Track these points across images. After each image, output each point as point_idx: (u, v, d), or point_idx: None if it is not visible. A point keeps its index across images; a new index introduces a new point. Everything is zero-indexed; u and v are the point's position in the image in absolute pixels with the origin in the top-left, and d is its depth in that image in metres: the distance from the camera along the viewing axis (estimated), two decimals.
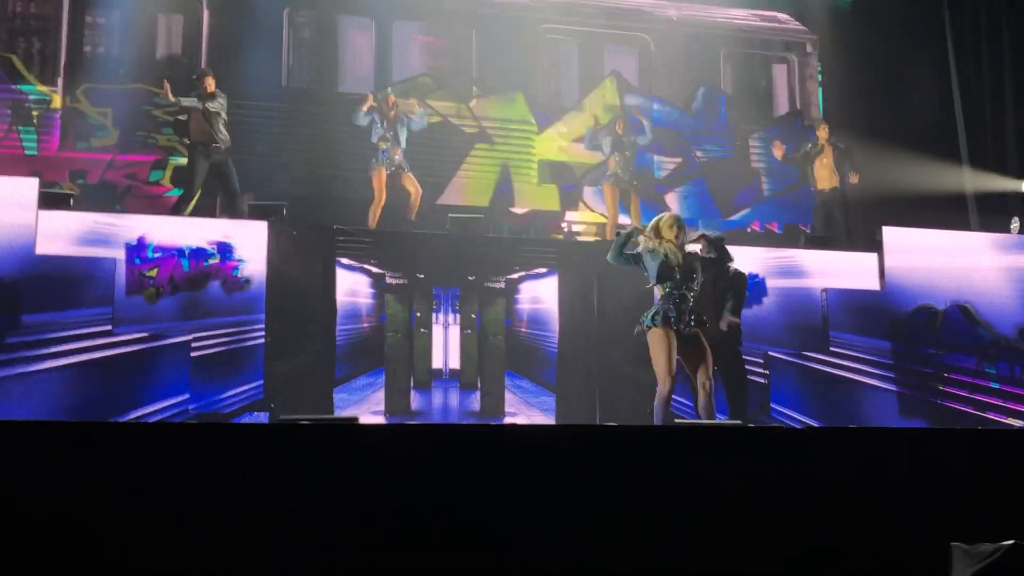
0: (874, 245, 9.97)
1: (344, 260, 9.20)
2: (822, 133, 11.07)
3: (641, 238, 7.02)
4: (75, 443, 4.46)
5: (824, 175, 10.90)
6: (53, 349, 8.02)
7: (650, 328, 6.84)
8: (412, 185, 10.41)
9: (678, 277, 6.83)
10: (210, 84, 9.82)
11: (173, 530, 4.35)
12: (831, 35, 13.31)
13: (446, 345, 9.46)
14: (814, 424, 9.18)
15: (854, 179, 10.86)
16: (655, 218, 7.19)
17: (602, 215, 12.18)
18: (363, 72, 12.30)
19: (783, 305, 9.63)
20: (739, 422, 6.78)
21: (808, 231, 11.64)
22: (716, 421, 6.97)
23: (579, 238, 11.89)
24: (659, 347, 6.77)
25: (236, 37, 11.61)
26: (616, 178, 11.18)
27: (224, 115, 9.83)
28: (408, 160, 10.43)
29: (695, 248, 7.14)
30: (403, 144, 10.39)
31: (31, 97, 10.89)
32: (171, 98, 9.79)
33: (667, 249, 6.85)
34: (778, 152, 11.17)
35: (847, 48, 13.13)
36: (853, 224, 11.04)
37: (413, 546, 4.52)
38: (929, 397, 9.73)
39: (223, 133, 9.77)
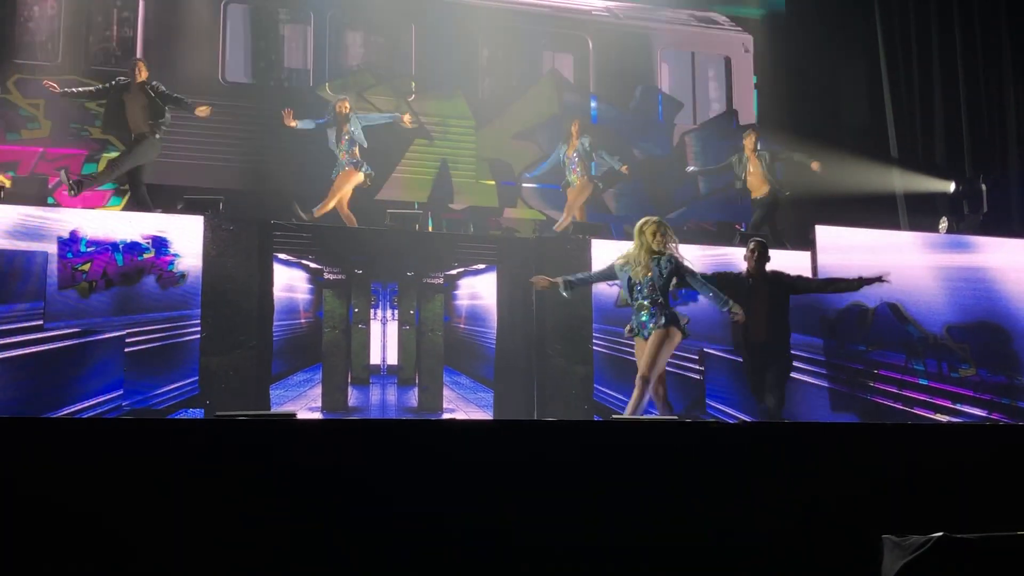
0: (807, 243, 10.14)
1: (281, 255, 9.13)
2: (748, 143, 11.09)
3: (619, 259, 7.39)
4: (6, 440, 4.38)
5: (755, 183, 10.99)
6: None
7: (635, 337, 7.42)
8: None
9: (642, 290, 7.23)
10: (141, 71, 9.64)
11: (104, 529, 4.29)
12: (766, 37, 13.50)
13: (384, 341, 9.44)
14: (748, 419, 9.31)
15: (815, 166, 10.91)
16: (639, 223, 7.40)
17: (540, 212, 12.25)
18: (302, 66, 12.22)
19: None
20: (674, 418, 6.86)
21: (742, 230, 11.78)
22: (650, 417, 7.09)
23: (517, 234, 11.92)
24: (638, 351, 7.40)
25: (173, 29, 11.46)
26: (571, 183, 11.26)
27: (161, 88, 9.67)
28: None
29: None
30: (356, 144, 10.30)
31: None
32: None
33: (632, 266, 7.25)
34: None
35: (782, 49, 13.33)
36: (782, 227, 11.18)
37: (349, 542, 4.51)
38: (859, 393, 9.93)
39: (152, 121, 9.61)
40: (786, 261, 9.93)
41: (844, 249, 10.05)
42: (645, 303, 7.23)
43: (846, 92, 13.56)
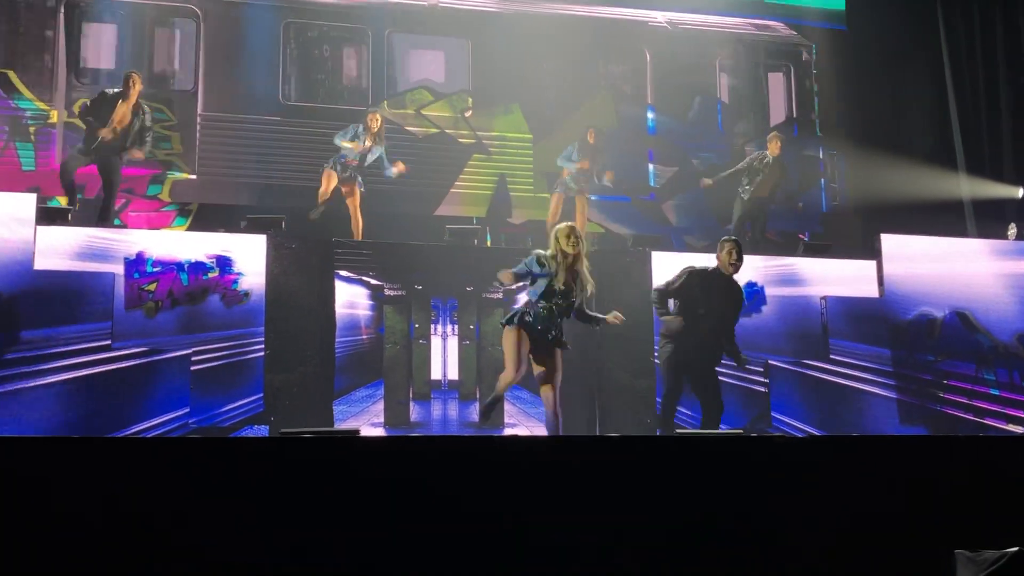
0: (873, 253, 9.99)
1: (343, 272, 9.21)
2: (774, 149, 11.01)
3: (538, 252, 7.32)
4: (76, 458, 4.45)
5: (764, 186, 10.94)
6: (52, 364, 8.00)
7: (505, 327, 7.27)
8: (354, 204, 10.42)
9: (558, 300, 7.17)
10: (136, 85, 9.71)
11: (174, 545, 4.34)
12: (827, 43, 13.35)
13: (445, 356, 9.46)
14: (814, 432, 9.17)
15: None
16: (554, 229, 7.35)
17: (598, 225, 12.21)
18: (360, 85, 12.33)
19: (782, 313, 9.64)
20: (740, 431, 6.78)
21: (806, 239, 11.65)
22: (715, 431, 7.01)
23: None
24: (511, 342, 7.21)
25: (232, 51, 11.65)
26: (565, 187, 11.25)
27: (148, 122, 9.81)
28: (363, 180, 10.49)
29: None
30: (366, 162, 10.39)
31: (28, 113, 10.91)
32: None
33: (558, 274, 7.15)
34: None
35: (843, 56, 13.17)
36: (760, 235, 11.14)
37: (415, 558, 4.51)
38: (929, 404, 9.73)
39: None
40: (851, 271, 9.81)
41: (910, 258, 9.88)
42: (555, 310, 7.18)
43: (909, 98, 13.36)
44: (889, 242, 9.90)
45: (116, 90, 9.70)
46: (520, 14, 12.62)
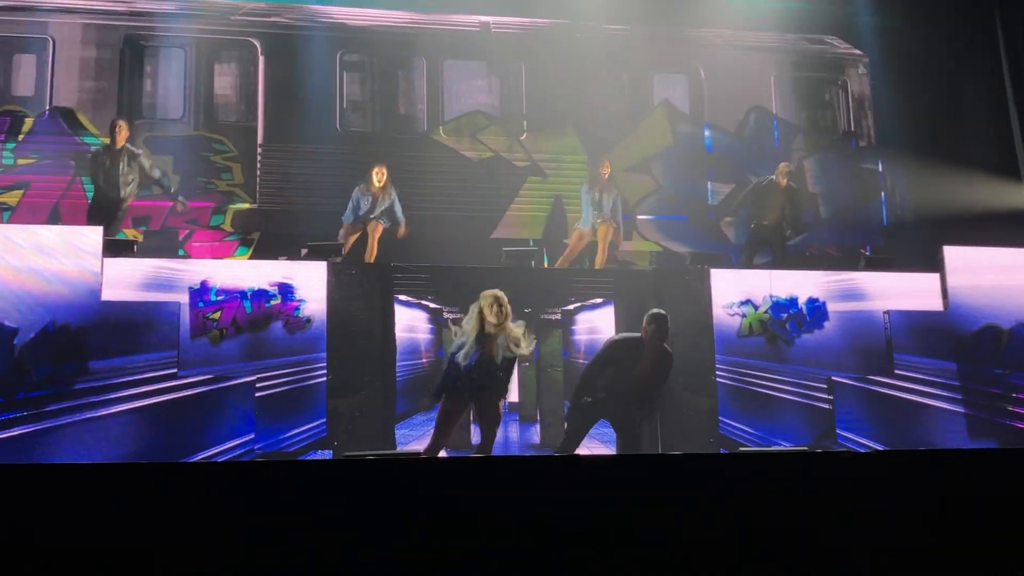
0: (936, 265, 9.85)
1: (402, 296, 9.28)
2: (781, 179, 10.98)
3: (455, 328, 7.85)
4: (146, 485, 4.53)
5: (774, 214, 10.89)
6: (120, 393, 8.16)
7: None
8: (375, 234, 10.57)
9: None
10: (122, 131, 9.99)
11: (244, 569, 4.39)
12: (883, 56, 13.22)
13: None
14: (881, 448, 9.04)
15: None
16: (483, 296, 7.76)
17: (656, 243, 12.19)
18: (415, 111, 12.46)
19: (845, 328, 9.53)
20: (804, 448, 6.72)
21: (867, 254, 11.52)
22: (778, 448, 6.96)
23: (634, 267, 11.88)
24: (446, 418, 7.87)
25: (290, 81, 11.84)
26: (591, 220, 11.23)
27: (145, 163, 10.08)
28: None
29: None
30: (373, 212, 10.57)
31: (93, 148, 11.17)
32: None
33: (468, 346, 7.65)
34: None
35: (900, 68, 13.02)
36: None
37: None
38: (997, 418, 9.55)
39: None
40: (914, 284, 9.68)
41: (975, 270, 9.73)
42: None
43: (968, 108, 13.16)
44: (952, 254, 9.76)
45: (105, 143, 9.99)
46: (572, 35, 12.67)
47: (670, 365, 8.54)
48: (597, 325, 9.59)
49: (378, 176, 10.57)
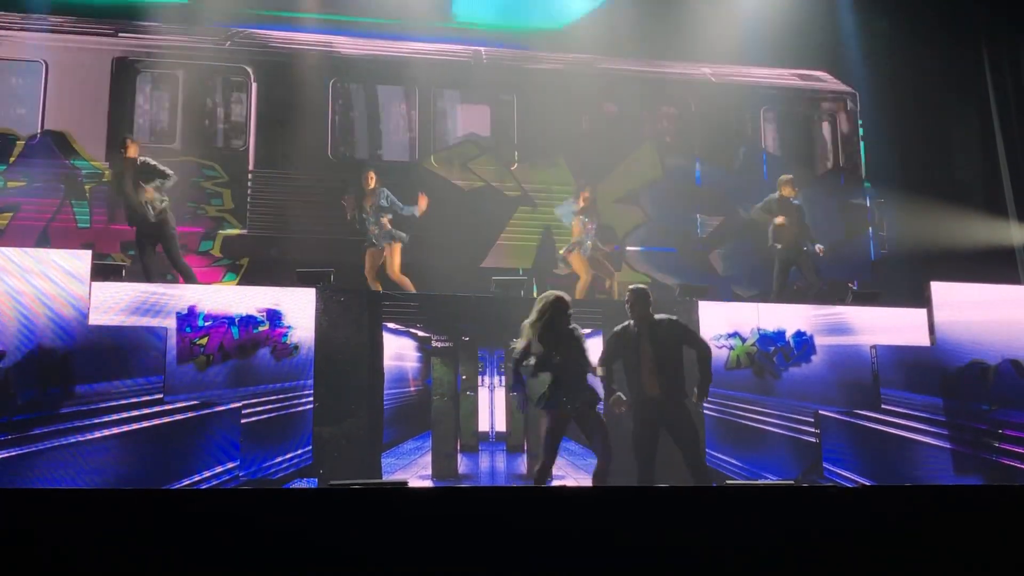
0: (923, 300, 9.89)
1: (390, 324, 9.27)
2: (787, 192, 10.99)
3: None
4: (128, 510, 4.50)
5: (787, 235, 10.88)
6: (106, 418, 8.12)
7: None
8: (393, 253, 10.73)
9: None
10: (132, 150, 10.00)
11: None
12: (872, 92, 13.32)
13: (492, 408, 9.46)
14: (867, 483, 9.04)
15: (819, 250, 10.85)
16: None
17: (646, 274, 12.22)
18: (407, 139, 12.50)
19: (832, 362, 9.56)
20: (791, 482, 6.71)
21: (855, 288, 11.56)
22: (765, 482, 6.95)
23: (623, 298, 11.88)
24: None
25: (282, 108, 11.87)
26: (580, 246, 11.25)
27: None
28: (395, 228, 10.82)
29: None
30: (380, 215, 10.71)
31: (83, 171, 11.17)
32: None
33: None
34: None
35: (888, 104, 13.13)
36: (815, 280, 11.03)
37: None
38: (983, 454, 9.56)
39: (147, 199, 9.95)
40: (901, 320, 9.71)
41: (961, 306, 9.78)
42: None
43: (957, 144, 13.28)
44: (939, 290, 9.81)
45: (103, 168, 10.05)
46: (564, 68, 12.75)
47: (683, 328, 8.06)
48: None
49: (369, 178, 10.74)
